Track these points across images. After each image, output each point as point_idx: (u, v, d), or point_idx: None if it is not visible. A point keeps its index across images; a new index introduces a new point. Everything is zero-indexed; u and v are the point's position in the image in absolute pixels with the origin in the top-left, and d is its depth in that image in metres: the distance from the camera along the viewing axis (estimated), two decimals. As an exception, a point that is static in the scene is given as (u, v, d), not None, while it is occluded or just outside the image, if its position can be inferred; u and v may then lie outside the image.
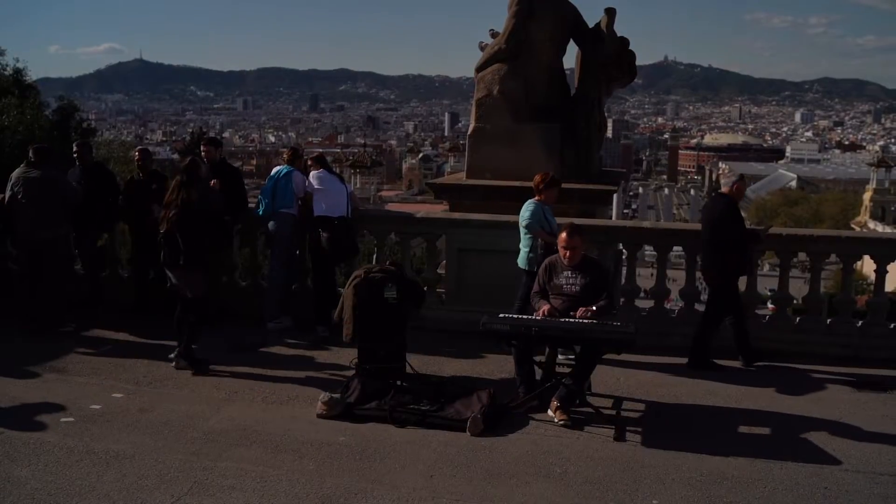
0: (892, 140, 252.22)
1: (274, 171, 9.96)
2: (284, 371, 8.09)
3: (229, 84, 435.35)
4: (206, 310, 8.44)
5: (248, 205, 10.28)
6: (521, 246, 8.55)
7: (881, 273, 9.22)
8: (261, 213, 9.71)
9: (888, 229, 55.06)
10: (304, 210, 9.54)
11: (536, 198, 8.55)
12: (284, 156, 10.20)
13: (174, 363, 8.17)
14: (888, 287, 9.45)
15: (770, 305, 11.65)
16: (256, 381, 7.77)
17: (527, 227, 8.37)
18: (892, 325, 9.27)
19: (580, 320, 6.89)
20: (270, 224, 9.61)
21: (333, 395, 6.97)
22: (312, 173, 9.58)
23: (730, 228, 8.56)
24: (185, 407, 7.04)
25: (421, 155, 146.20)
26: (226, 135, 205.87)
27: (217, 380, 7.79)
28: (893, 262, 9.13)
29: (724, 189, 8.82)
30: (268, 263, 10.30)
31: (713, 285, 8.80)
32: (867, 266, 9.30)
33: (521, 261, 8.49)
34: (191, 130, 77.83)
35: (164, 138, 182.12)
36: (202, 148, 10.15)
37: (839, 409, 7.40)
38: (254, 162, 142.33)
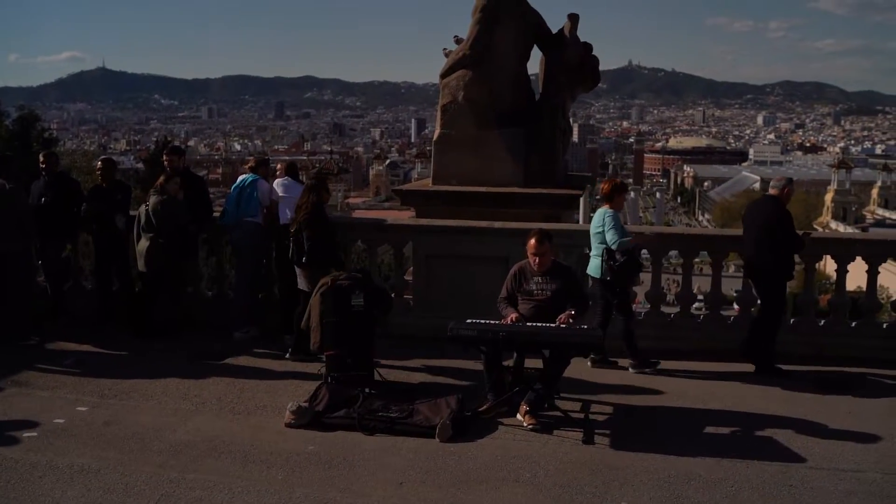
0: (852, 142, 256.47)
1: (239, 179, 9.91)
2: (252, 381, 8.03)
3: (194, 92, 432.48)
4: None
5: (214, 214, 10.21)
6: (591, 255, 8.64)
7: (842, 273, 9.38)
8: (225, 222, 9.64)
9: (849, 229, 55.86)
10: (270, 218, 9.49)
11: (606, 205, 8.67)
12: (249, 164, 10.15)
13: (289, 357, 8.54)
14: (850, 286, 9.57)
15: (735, 306, 11.78)
16: (223, 391, 7.70)
17: (618, 241, 8.36)
18: (853, 324, 9.42)
19: (547, 325, 6.94)
20: (235, 233, 9.56)
21: (301, 403, 6.93)
22: (277, 181, 9.55)
23: (788, 230, 8.62)
24: (151, 419, 6.96)
25: (388, 161, 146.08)
26: (191, 143, 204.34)
27: (184, 390, 7.71)
28: (853, 261, 9.28)
29: (773, 192, 8.78)
30: (234, 273, 10.22)
31: (769, 286, 8.73)
32: (829, 266, 9.41)
33: (594, 270, 8.57)
34: (155, 139, 77.11)
35: (129, 147, 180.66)
36: (165, 158, 10.09)
37: (803, 407, 7.49)
38: (219, 170, 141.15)
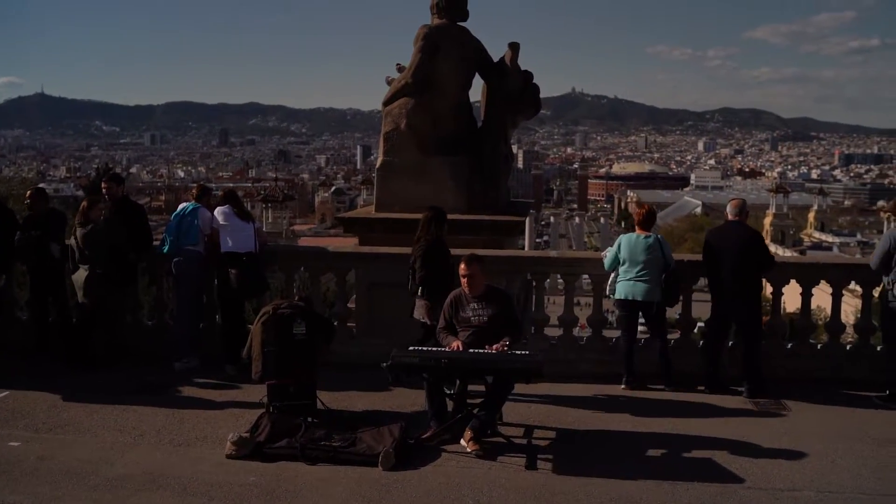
0: (789, 167, 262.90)
1: (180, 207, 9.83)
2: (192, 411, 7.91)
3: (136, 118, 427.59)
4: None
5: (154, 242, 10.07)
6: (646, 280, 8.76)
7: (777, 295, 9.58)
8: (166, 250, 9.52)
9: (788, 253, 57.05)
10: (211, 247, 9.41)
11: (641, 231, 8.99)
12: (193, 192, 10.06)
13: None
14: (790, 308, 9.79)
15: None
16: (163, 422, 7.57)
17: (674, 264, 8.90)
18: (789, 346, 9.63)
19: (490, 351, 6.98)
20: (175, 262, 9.44)
21: (243, 434, 6.85)
22: (218, 209, 9.48)
23: (766, 250, 8.97)
24: (87, 453, 6.80)
25: (333, 188, 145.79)
26: (133, 170, 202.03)
27: (122, 423, 7.56)
28: (787, 284, 9.49)
29: (736, 217, 9.03)
30: (174, 302, 10.09)
31: (753, 306, 8.94)
32: (766, 289, 9.61)
33: (655, 294, 8.77)
34: (96, 166, 75.95)
35: (69, 174, 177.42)
36: (103, 185, 9.93)
37: (741, 428, 7.64)
38: (162, 198, 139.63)
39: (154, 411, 7.86)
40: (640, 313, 8.98)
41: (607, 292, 9.26)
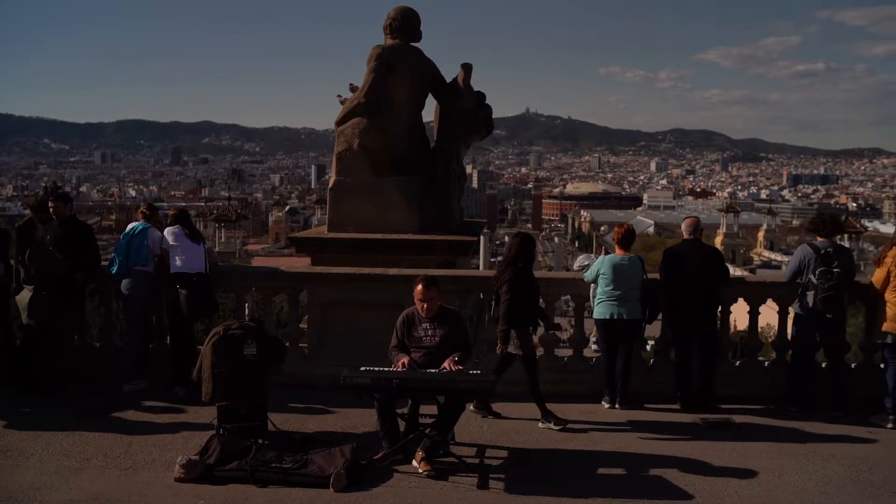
0: (739, 187, 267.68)
1: (129, 227, 9.69)
2: (140, 435, 7.77)
3: (86, 136, 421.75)
4: (533, 365, 8.47)
5: (102, 262, 9.91)
6: (628, 299, 8.89)
7: (725, 314, 9.72)
8: (114, 271, 9.39)
9: (739, 271, 57.88)
10: (161, 267, 9.31)
11: (621, 250, 9.09)
12: (141, 211, 9.93)
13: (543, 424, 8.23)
14: (740, 326, 9.94)
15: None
16: (110, 446, 7.42)
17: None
18: (737, 363, 9.77)
19: (441, 371, 7.00)
20: (124, 282, 9.32)
21: (192, 457, 6.75)
22: (168, 229, 9.39)
23: (725, 267, 9.21)
24: (30, 478, 6.64)
25: (287, 208, 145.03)
26: (83, 189, 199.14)
27: (67, 447, 7.39)
28: (736, 303, 9.64)
29: (693, 235, 9.20)
30: (123, 323, 9.94)
31: (713, 325, 9.18)
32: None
33: (634, 312, 8.91)
34: (44, 185, 74.57)
35: (15, 193, 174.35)
36: (50, 204, 9.76)
37: (690, 446, 7.73)
38: (113, 217, 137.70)
39: (101, 435, 7.71)
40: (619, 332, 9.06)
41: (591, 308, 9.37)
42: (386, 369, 7.11)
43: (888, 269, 8.62)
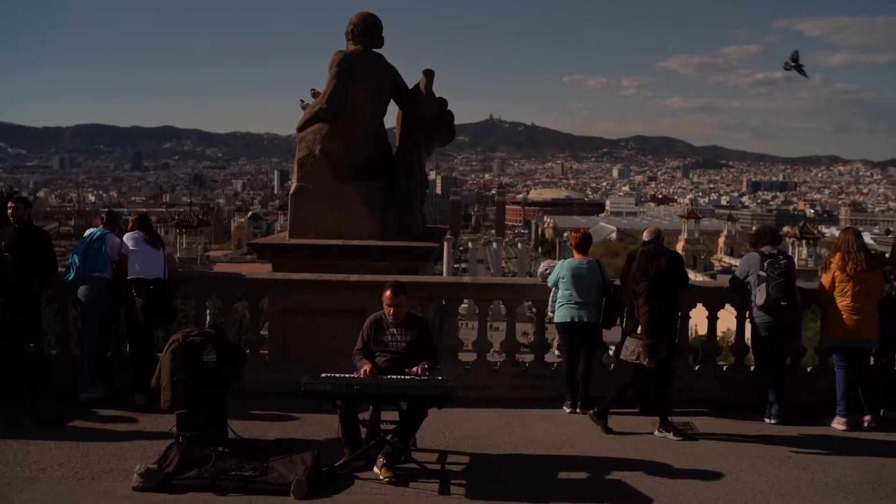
0: (700, 193, 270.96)
1: (87, 233, 9.58)
2: (98, 444, 7.65)
3: (44, 141, 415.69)
4: (669, 375, 8.59)
5: (59, 268, 9.77)
6: (589, 304, 8.97)
7: (684, 319, 9.82)
8: (71, 278, 9.27)
9: (700, 277, 58.52)
10: (120, 274, 9.21)
11: (579, 255, 9.17)
12: (100, 217, 9.81)
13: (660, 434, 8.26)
14: (702, 331, 10.08)
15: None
16: (66, 455, 7.30)
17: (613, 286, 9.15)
18: (696, 368, 9.89)
19: (401, 377, 7.01)
20: (81, 289, 9.20)
21: (150, 465, 6.69)
22: (127, 234, 9.29)
23: (685, 271, 9.35)
24: (-18, 490, 6.54)
25: (250, 214, 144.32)
26: (40, 194, 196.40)
27: (22, 457, 7.26)
28: (695, 308, 9.75)
29: (655, 239, 9.28)
30: (80, 331, 9.80)
31: (675, 329, 9.22)
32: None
33: (594, 315, 8.99)
34: (0, 189, 73.30)
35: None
36: (9, 205, 9.57)
37: (650, 449, 7.81)
38: (71, 222, 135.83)
39: (57, 444, 7.58)
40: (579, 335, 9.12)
41: (549, 312, 9.40)
42: (347, 376, 7.10)
43: (833, 275, 8.83)
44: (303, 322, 9.59)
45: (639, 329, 8.40)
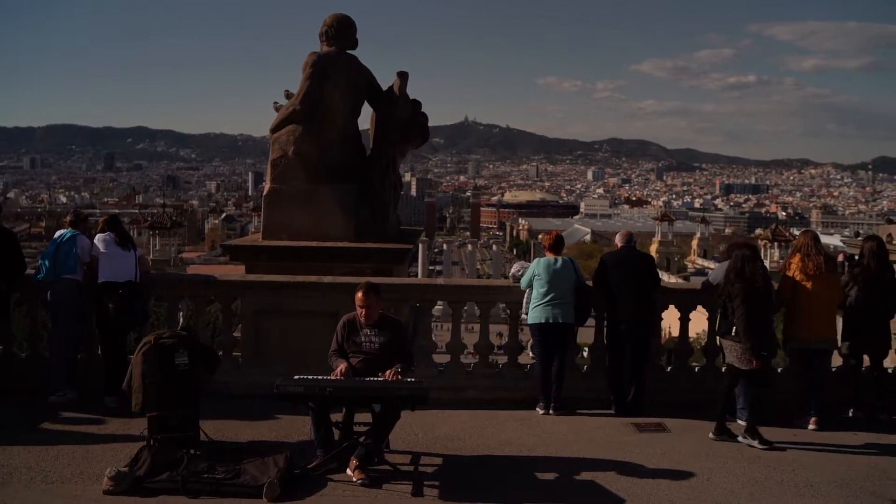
0: (674, 196, 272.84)
1: (57, 234, 9.48)
2: (68, 447, 7.56)
3: (15, 141, 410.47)
4: (759, 380, 8.41)
5: (28, 270, 9.66)
6: (565, 303, 9.07)
7: (656, 320, 9.88)
8: (40, 278, 9.17)
9: (673, 279, 58.93)
10: (90, 275, 9.12)
11: (552, 255, 9.23)
12: (67, 219, 9.72)
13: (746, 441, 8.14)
14: (675, 333, 10.16)
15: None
16: (35, 459, 7.20)
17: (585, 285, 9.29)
18: (669, 369, 9.96)
19: (374, 378, 7.00)
20: (52, 291, 9.11)
21: (121, 468, 6.63)
22: (98, 236, 9.21)
23: (657, 273, 9.54)
24: (-51, 495, 6.45)
25: (224, 215, 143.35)
26: (10, 195, 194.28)
27: (-10, 461, 7.19)
28: (667, 309, 9.82)
29: (626, 244, 9.49)
30: (50, 332, 9.70)
31: (648, 329, 9.35)
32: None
33: (569, 316, 9.09)
34: (-30, 191, 72.51)
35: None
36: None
37: (623, 450, 7.86)
38: (42, 224, 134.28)
39: (26, 448, 7.48)
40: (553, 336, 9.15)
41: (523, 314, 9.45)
42: (320, 377, 7.08)
43: (793, 275, 8.97)
44: (276, 324, 9.56)
45: (733, 331, 8.31)
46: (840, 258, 9.74)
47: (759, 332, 8.20)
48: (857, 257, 9.51)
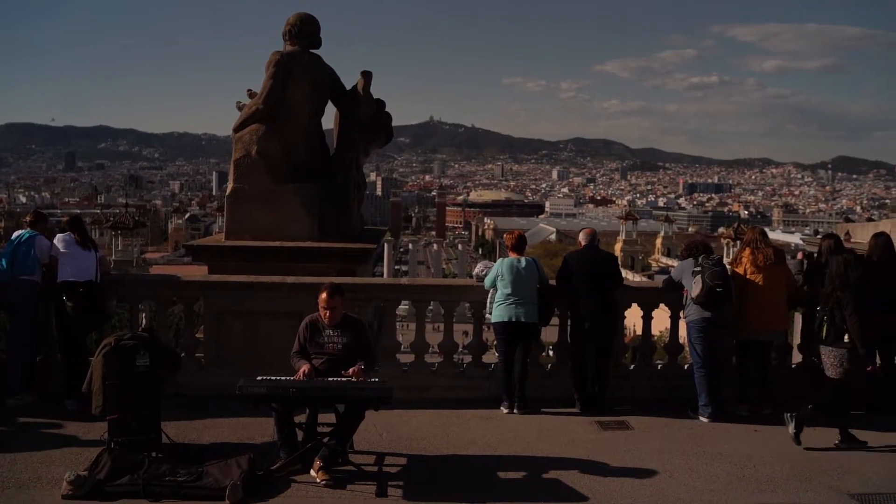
0: (638, 195, 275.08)
1: (15, 235, 9.34)
2: (26, 452, 7.41)
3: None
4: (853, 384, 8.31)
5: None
6: (529, 303, 9.10)
7: (619, 318, 9.95)
8: (-2, 280, 9.02)
9: (637, 277, 59.38)
10: (49, 276, 8.99)
11: (515, 255, 9.25)
12: (27, 219, 9.58)
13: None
14: (640, 331, 10.25)
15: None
16: (-7, 464, 7.11)
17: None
18: (632, 367, 10.03)
19: (337, 379, 6.97)
20: (9, 292, 8.96)
21: (80, 472, 6.53)
22: (58, 236, 9.08)
23: (620, 271, 9.65)
24: None
25: (188, 215, 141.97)
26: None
27: (-55, 467, 7.04)
28: (630, 308, 9.89)
29: (590, 242, 9.54)
30: (7, 334, 9.55)
31: (612, 327, 9.43)
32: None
33: (532, 315, 9.12)
34: (-74, 192, 71.18)
35: None
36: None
37: (587, 448, 7.91)
38: (1, 224, 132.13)
39: (-18, 453, 7.37)
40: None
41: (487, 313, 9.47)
42: (283, 378, 7.03)
43: (744, 268, 9.20)
44: (239, 324, 9.50)
45: (846, 338, 8.27)
46: (800, 256, 9.89)
47: (868, 336, 8.25)
48: (815, 255, 9.65)
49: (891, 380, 9.07)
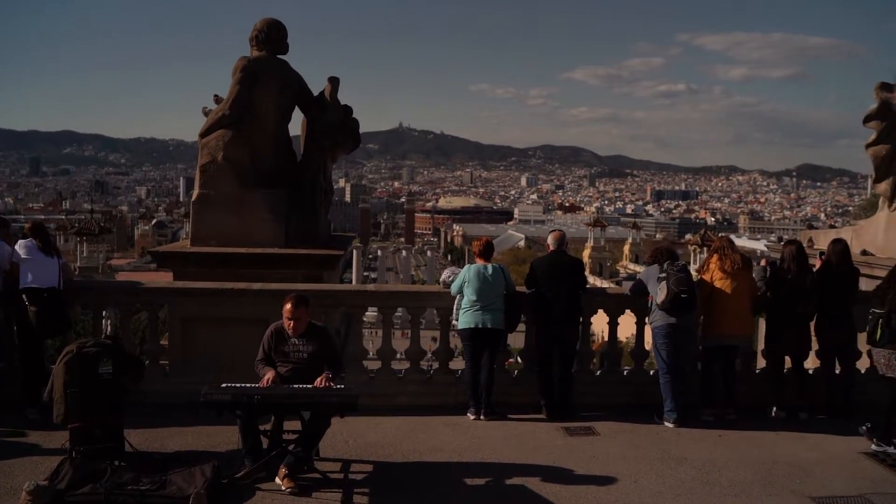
0: (606, 202, 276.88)
1: (-25, 241, 9.17)
2: (-17, 461, 7.33)
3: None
4: None
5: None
6: (496, 310, 9.14)
7: (586, 324, 10.00)
8: (-43, 287, 8.86)
9: (605, 283, 59.67)
10: (9, 283, 8.85)
11: (482, 261, 9.28)
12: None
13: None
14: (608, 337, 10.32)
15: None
16: (-51, 475, 6.98)
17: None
18: (598, 373, 10.08)
19: (303, 386, 6.94)
20: (-32, 299, 8.81)
21: (40, 482, 6.42)
22: (20, 242, 8.94)
23: (585, 276, 9.68)
24: None
25: (154, 221, 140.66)
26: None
27: None
28: (595, 314, 9.94)
29: (559, 247, 9.55)
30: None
31: (578, 332, 9.55)
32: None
33: (498, 321, 9.10)
34: None
35: None
36: None
37: (553, 454, 7.93)
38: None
39: (-63, 464, 7.22)
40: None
41: (453, 320, 9.47)
42: (248, 385, 6.98)
43: (712, 275, 9.35)
44: (204, 331, 9.41)
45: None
46: (763, 263, 9.99)
47: None
48: (778, 262, 9.76)
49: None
